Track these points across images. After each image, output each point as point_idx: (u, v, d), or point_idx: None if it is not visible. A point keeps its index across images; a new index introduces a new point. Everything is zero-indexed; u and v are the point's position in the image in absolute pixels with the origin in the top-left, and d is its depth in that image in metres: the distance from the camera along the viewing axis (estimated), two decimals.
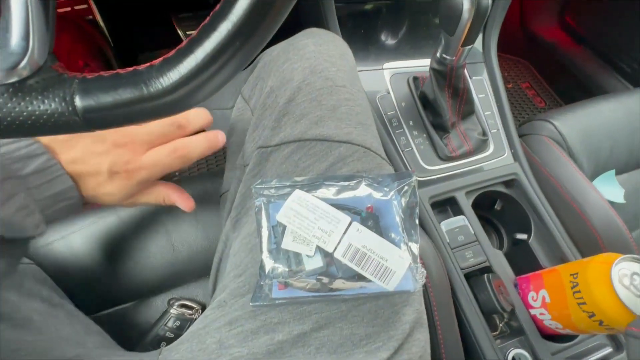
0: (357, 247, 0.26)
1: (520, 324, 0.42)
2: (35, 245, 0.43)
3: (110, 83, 0.19)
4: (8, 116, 0.18)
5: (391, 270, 0.26)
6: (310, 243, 0.27)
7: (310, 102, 0.35)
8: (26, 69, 0.18)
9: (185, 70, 0.20)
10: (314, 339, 0.29)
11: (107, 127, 0.20)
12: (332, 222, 0.27)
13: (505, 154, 0.53)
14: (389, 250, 0.26)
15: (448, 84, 0.48)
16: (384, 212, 0.28)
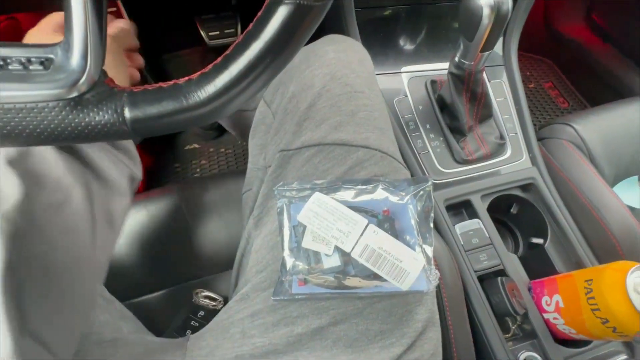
0: (373, 248, 0.27)
1: (533, 327, 0.42)
2: None
3: (154, 96, 0.21)
4: (69, 126, 0.20)
5: (405, 270, 0.27)
6: (329, 243, 0.28)
7: (330, 107, 0.37)
8: (84, 85, 0.20)
9: (221, 84, 0.22)
10: (331, 332, 0.31)
11: (151, 134, 0.23)
12: (349, 224, 0.28)
13: (523, 158, 0.53)
14: (403, 252, 0.27)
15: (466, 89, 0.48)
16: (399, 215, 0.29)
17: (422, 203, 0.30)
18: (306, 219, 0.29)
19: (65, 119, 0.20)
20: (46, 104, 0.19)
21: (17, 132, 0.19)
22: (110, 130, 0.21)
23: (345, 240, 0.28)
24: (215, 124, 0.91)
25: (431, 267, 0.28)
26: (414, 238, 0.28)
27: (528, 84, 1.16)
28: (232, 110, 0.24)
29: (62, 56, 0.20)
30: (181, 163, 0.95)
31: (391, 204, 0.30)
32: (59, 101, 0.19)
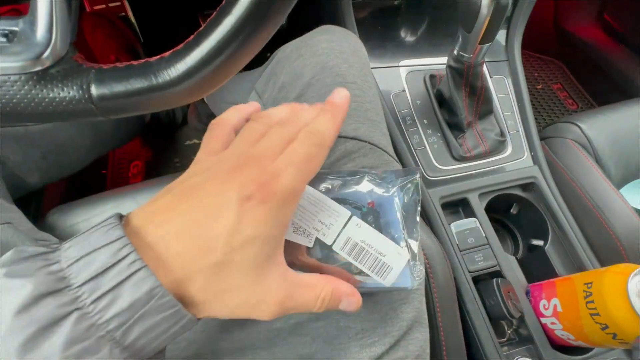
0: (355, 241, 0.26)
1: (530, 332, 0.40)
2: (63, 225, 0.46)
3: (123, 73, 0.21)
4: (32, 102, 0.19)
5: (388, 265, 0.26)
6: (310, 235, 0.27)
7: (319, 98, 0.36)
8: (49, 59, 0.19)
9: (192, 62, 0.21)
10: (311, 329, 0.30)
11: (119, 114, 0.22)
12: (332, 216, 0.27)
13: (525, 156, 0.51)
14: (387, 246, 0.26)
15: (465, 83, 0.47)
16: (385, 208, 0.28)
17: (409, 196, 0.28)
18: None
19: (28, 94, 0.19)
20: (8, 77, 0.19)
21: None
22: (76, 108, 0.20)
23: (326, 233, 0.27)
24: None
25: (416, 263, 0.27)
26: (399, 232, 0.27)
27: (536, 85, 1.13)
28: (205, 92, 0.23)
29: (27, 29, 0.19)
30: (181, 158, 0.95)
31: (377, 196, 0.28)
32: (22, 75, 0.19)
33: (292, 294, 0.19)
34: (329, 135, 0.21)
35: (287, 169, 0.19)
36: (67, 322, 0.14)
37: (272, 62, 0.45)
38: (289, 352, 0.29)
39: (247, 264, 0.18)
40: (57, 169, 0.57)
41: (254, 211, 0.18)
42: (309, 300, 0.20)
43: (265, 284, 0.19)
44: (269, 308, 0.19)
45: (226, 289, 0.18)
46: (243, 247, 0.18)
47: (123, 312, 0.15)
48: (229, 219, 0.17)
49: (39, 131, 0.53)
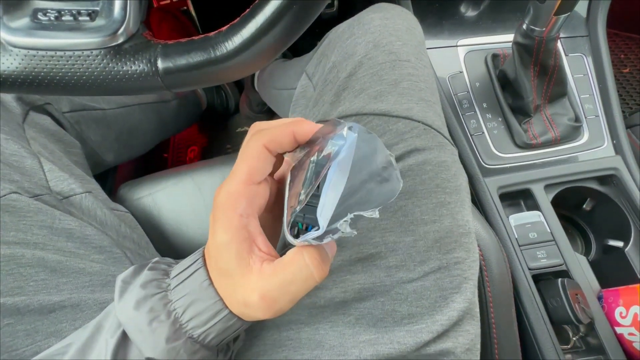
0: None
1: (601, 341, 0.36)
2: (131, 197, 0.51)
3: (185, 47, 0.22)
4: (109, 75, 0.21)
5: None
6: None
7: (371, 76, 0.35)
8: (123, 35, 0.21)
9: (247, 34, 0.21)
10: (355, 309, 0.29)
11: (182, 88, 0.23)
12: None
13: (605, 145, 0.44)
14: None
15: (534, 61, 0.42)
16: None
17: None
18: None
19: (106, 67, 0.21)
20: (90, 52, 0.21)
21: (66, 79, 0.21)
22: (145, 81, 0.22)
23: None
24: (265, 107, 0.93)
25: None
26: None
27: (622, 68, 0.98)
28: (261, 65, 0.23)
29: (106, 8, 0.21)
30: (232, 144, 1.00)
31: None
32: (102, 49, 0.21)
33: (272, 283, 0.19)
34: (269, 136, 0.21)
35: (225, 181, 0.21)
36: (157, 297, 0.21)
37: (323, 43, 0.44)
38: (331, 331, 0.29)
39: (227, 271, 0.20)
40: (128, 149, 0.63)
41: (211, 226, 0.20)
42: (298, 272, 0.19)
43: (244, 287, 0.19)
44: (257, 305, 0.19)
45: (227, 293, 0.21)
46: (218, 257, 0.20)
47: (185, 296, 0.21)
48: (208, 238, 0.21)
49: (113, 115, 0.59)
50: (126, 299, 0.21)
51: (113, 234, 0.41)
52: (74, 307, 0.31)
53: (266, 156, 0.21)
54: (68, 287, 0.32)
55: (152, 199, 0.51)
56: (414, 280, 0.29)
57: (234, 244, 0.19)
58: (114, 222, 0.42)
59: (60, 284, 0.32)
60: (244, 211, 0.20)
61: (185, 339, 0.20)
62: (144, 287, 0.21)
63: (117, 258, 0.39)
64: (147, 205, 0.50)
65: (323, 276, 0.19)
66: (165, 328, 0.20)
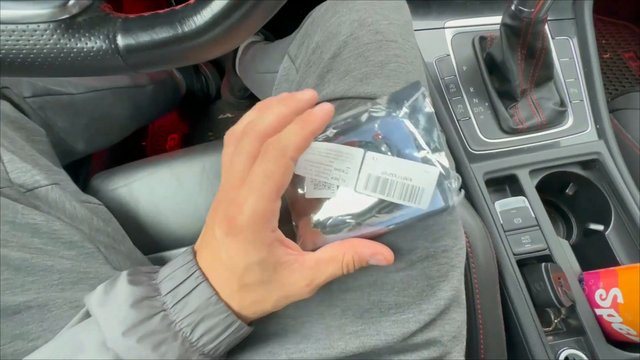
0: (377, 176, 0.24)
1: (582, 323, 0.37)
2: (105, 189, 0.48)
3: (149, 22, 0.19)
4: (61, 53, 0.19)
5: (419, 188, 0.24)
6: (331, 186, 0.26)
7: (356, 57, 0.33)
8: (75, 6, 0.18)
9: (219, 8, 0.19)
10: (341, 300, 0.28)
11: (147, 68, 0.21)
12: (346, 160, 0.25)
13: (588, 129, 0.45)
14: (411, 169, 0.24)
15: (522, 43, 0.41)
16: (395, 133, 0.25)
17: (420, 112, 0.25)
18: (302, 171, 0.26)
19: (57, 43, 0.19)
20: (37, 26, 0.18)
21: (10, 57, 0.19)
22: (104, 60, 0.19)
23: (346, 178, 0.25)
24: (248, 92, 0.90)
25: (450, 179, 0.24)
26: (420, 151, 0.24)
27: (603, 53, 0.99)
28: (235, 43, 0.21)
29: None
30: (214, 132, 0.96)
31: (382, 125, 0.26)
32: (51, 23, 0.18)
33: (315, 275, 0.22)
34: (293, 148, 0.21)
35: (248, 198, 0.20)
36: (156, 318, 0.20)
37: (306, 22, 0.42)
38: (318, 324, 0.28)
39: (259, 282, 0.21)
40: (101, 137, 0.59)
41: (232, 244, 0.20)
42: (333, 272, 0.23)
43: (287, 284, 0.22)
44: (301, 292, 0.22)
45: (257, 301, 0.22)
46: (245, 274, 0.20)
47: (191, 314, 0.20)
48: (224, 255, 0.21)
49: (82, 100, 0.55)
50: (113, 325, 0.20)
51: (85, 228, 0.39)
52: (42, 307, 0.29)
53: (291, 168, 0.21)
54: (35, 286, 0.30)
55: (127, 190, 0.48)
56: (401, 270, 0.28)
57: (271, 258, 0.20)
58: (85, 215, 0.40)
59: (26, 282, 0.29)
60: (274, 227, 0.21)
61: (197, 357, 0.21)
62: (136, 308, 0.20)
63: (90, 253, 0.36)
64: (123, 197, 0.48)
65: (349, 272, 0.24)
66: (175, 350, 0.20)
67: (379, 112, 0.26)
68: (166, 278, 0.21)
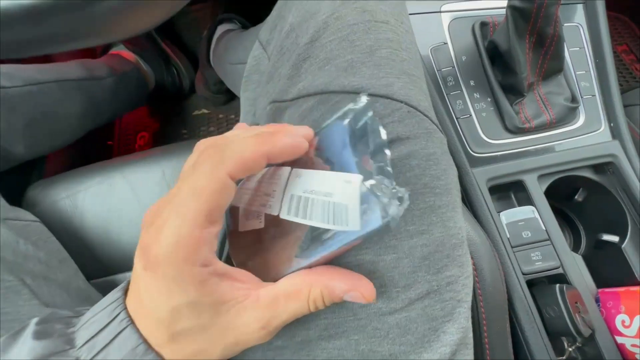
0: (299, 196, 0.19)
1: (601, 353, 0.32)
2: (44, 201, 0.41)
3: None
4: None
5: (341, 204, 0.17)
6: (260, 215, 0.21)
7: (339, 42, 0.27)
8: None
9: None
10: (322, 350, 0.23)
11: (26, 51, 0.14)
12: (273, 181, 0.20)
13: (602, 128, 0.40)
14: (331, 182, 0.18)
15: (531, 29, 0.35)
16: (329, 142, 0.20)
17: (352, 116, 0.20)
18: (237, 200, 0.22)
19: None
20: None
21: None
22: None
23: (272, 203, 0.20)
24: (224, 86, 0.82)
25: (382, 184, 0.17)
26: (350, 158, 0.19)
27: None
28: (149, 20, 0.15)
29: None
30: (189, 129, 0.88)
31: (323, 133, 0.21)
32: None
33: (273, 314, 0.18)
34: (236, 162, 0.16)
35: (168, 221, 0.16)
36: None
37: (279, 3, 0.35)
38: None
39: (196, 329, 0.17)
40: (46, 138, 0.51)
41: (151, 282, 0.16)
42: (296, 311, 0.18)
43: (235, 328, 0.17)
44: (255, 336, 0.18)
45: (199, 352, 0.17)
46: (174, 321, 0.16)
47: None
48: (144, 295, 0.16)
49: (19, 95, 0.47)
50: None
51: (8, 255, 0.31)
52: None
53: (231, 187, 0.17)
54: None
55: (71, 202, 0.40)
56: (397, 311, 0.22)
57: (204, 299, 0.16)
58: (8, 239, 0.32)
59: None
60: (205, 260, 0.16)
61: None
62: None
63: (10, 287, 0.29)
64: (65, 210, 0.40)
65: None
66: None
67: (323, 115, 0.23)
68: (86, 323, 0.17)
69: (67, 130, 0.55)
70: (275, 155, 0.17)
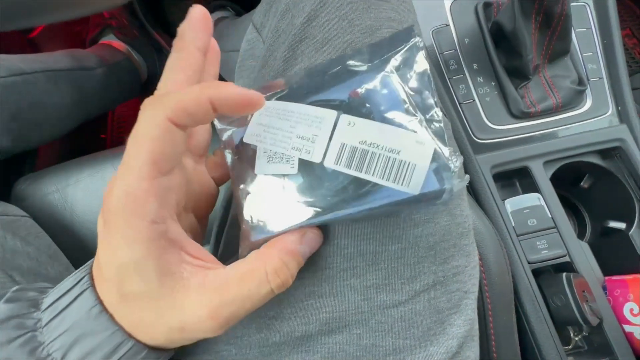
0: (353, 146, 0.18)
1: (609, 341, 0.31)
2: (33, 195, 0.39)
3: None
4: None
5: (409, 163, 0.17)
6: (291, 159, 0.19)
7: (337, 21, 0.25)
8: None
9: None
10: (322, 345, 0.22)
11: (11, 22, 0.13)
12: (313, 124, 0.19)
13: (609, 112, 0.38)
14: (399, 138, 0.17)
15: (537, 8, 0.34)
16: (379, 93, 0.19)
17: (410, 67, 0.19)
18: (255, 137, 0.20)
19: None
20: None
21: None
22: None
23: (311, 148, 0.18)
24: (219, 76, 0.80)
25: (452, 154, 0.17)
26: (409, 116, 0.18)
27: None
28: None
29: None
30: None
31: (362, 81, 0.19)
32: None
33: (223, 300, 0.16)
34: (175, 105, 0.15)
35: (119, 174, 0.15)
36: (17, 342, 0.15)
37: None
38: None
39: (142, 295, 0.16)
40: (34, 131, 0.49)
41: (105, 237, 0.15)
42: (254, 294, 0.16)
43: (180, 308, 0.16)
44: (202, 325, 0.16)
45: (146, 323, 0.16)
46: (122, 278, 0.15)
47: (65, 332, 0.16)
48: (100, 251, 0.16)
49: (4, 86, 0.45)
50: None
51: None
52: None
53: (174, 133, 0.15)
54: None
55: (61, 196, 0.39)
56: (402, 304, 0.21)
57: (150, 261, 0.15)
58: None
59: None
60: (156, 215, 0.15)
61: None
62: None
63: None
64: (55, 204, 0.39)
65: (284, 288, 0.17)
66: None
67: (359, 66, 0.20)
68: (55, 290, 0.17)
69: (55, 123, 0.53)
70: (222, 102, 0.16)
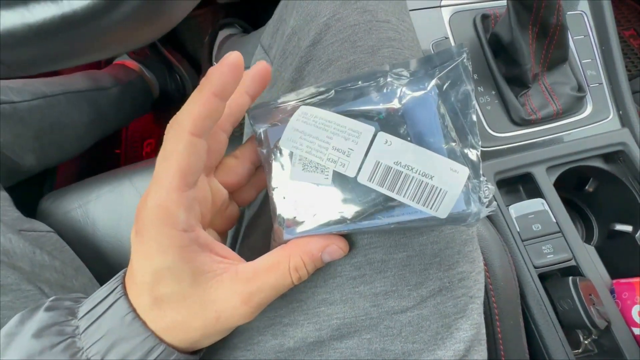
0: (388, 166, 0.18)
1: (618, 344, 0.31)
2: (56, 212, 0.42)
3: None
4: None
5: (440, 190, 0.18)
6: (325, 169, 0.19)
7: (341, 43, 0.27)
8: None
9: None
10: (334, 350, 0.23)
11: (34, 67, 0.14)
12: (350, 138, 0.19)
13: (610, 117, 0.39)
14: (434, 164, 0.18)
15: (534, 19, 0.35)
16: (418, 112, 0.19)
17: (454, 87, 0.19)
18: (291, 143, 0.20)
19: None
20: None
21: None
22: None
23: (346, 162, 0.19)
24: None
25: (480, 180, 0.18)
26: (445, 140, 0.18)
27: None
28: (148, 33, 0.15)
29: None
30: None
31: (402, 96, 0.19)
32: None
33: (254, 288, 0.18)
34: (190, 118, 0.17)
35: (151, 189, 0.17)
36: (59, 348, 0.16)
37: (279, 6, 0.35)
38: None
39: (176, 296, 0.17)
40: (55, 149, 0.52)
41: (139, 246, 0.17)
42: (278, 283, 0.18)
43: (214, 302, 0.17)
44: (237, 312, 0.18)
45: (179, 323, 0.17)
46: (156, 283, 0.17)
47: (102, 338, 0.17)
48: (134, 259, 0.17)
49: (28, 109, 0.48)
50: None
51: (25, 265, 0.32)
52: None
53: (197, 145, 0.17)
54: None
55: (83, 212, 0.41)
56: (409, 309, 0.22)
57: (183, 264, 0.17)
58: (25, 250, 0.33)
59: None
60: (186, 224, 0.17)
61: None
62: (38, 337, 0.17)
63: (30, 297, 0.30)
64: (78, 220, 0.41)
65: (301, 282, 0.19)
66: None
67: (401, 79, 0.20)
68: (90, 299, 0.18)
69: (75, 141, 0.56)
70: (220, 87, 0.17)
